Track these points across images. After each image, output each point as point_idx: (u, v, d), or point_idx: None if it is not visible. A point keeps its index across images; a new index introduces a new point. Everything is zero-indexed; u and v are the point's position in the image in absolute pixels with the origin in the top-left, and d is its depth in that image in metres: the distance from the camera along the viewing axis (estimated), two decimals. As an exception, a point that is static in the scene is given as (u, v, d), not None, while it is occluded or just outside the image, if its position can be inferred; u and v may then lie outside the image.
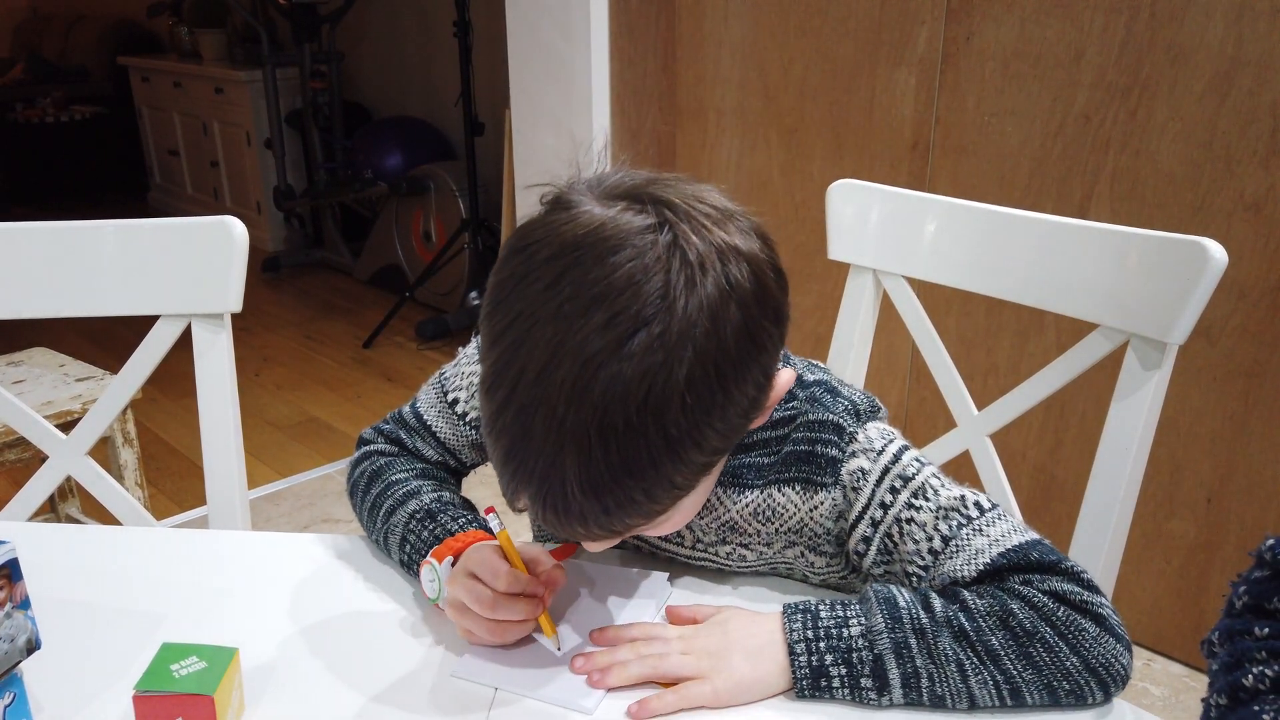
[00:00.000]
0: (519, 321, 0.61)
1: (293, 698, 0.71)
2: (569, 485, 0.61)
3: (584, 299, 0.59)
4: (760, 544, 0.82)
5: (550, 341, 0.59)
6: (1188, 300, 0.92)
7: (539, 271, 0.61)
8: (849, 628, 0.71)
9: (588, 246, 0.60)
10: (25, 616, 0.61)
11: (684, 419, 0.60)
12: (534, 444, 0.61)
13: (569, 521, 0.63)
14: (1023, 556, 0.71)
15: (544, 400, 0.60)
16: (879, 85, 2.04)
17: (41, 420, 1.14)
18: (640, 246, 0.60)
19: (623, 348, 0.58)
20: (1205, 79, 1.62)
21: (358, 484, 0.91)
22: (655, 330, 0.59)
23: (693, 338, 0.59)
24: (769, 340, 0.65)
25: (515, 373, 0.61)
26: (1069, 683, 0.69)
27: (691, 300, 0.59)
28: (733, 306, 0.61)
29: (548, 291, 0.60)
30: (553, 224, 0.63)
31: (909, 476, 0.76)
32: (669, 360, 0.59)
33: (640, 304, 0.59)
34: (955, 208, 1.11)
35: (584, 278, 0.59)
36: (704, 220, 0.63)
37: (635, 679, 0.71)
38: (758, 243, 0.65)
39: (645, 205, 0.62)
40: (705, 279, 0.60)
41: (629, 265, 0.59)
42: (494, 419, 0.63)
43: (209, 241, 1.07)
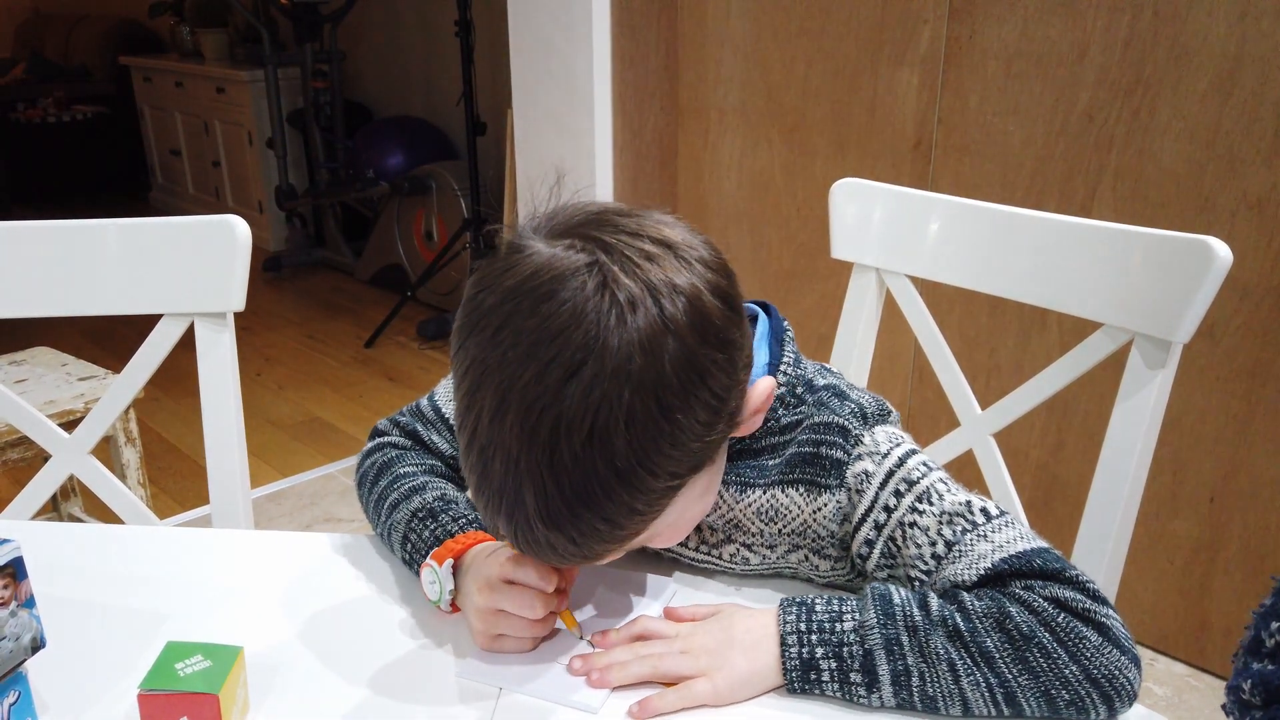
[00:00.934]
0: (473, 369, 0.64)
1: (298, 697, 0.71)
2: (532, 520, 0.64)
3: (523, 346, 0.62)
4: (764, 546, 0.82)
5: (499, 389, 0.62)
6: (1193, 299, 0.92)
7: (487, 319, 0.64)
8: (842, 622, 0.71)
9: (525, 294, 0.63)
10: (30, 615, 0.61)
11: (629, 450, 0.62)
12: (494, 482, 0.64)
13: (541, 552, 0.66)
14: (1026, 563, 0.71)
15: (499, 442, 0.63)
16: (881, 84, 2.03)
17: (44, 419, 1.14)
18: (574, 288, 0.62)
19: (564, 388, 0.61)
20: (1209, 77, 1.62)
21: (366, 475, 0.91)
22: (589, 372, 0.61)
23: (627, 374, 0.61)
24: (714, 366, 0.65)
25: (475, 416, 0.64)
26: (1069, 692, 0.67)
27: (622, 338, 0.61)
28: (670, 339, 0.62)
29: (493, 340, 0.63)
30: (500, 269, 0.65)
31: (914, 480, 0.76)
32: (606, 396, 0.61)
33: (573, 348, 0.61)
34: (959, 207, 1.11)
35: (524, 324, 0.62)
36: (637, 259, 0.64)
37: (635, 679, 0.71)
38: (699, 270, 0.66)
39: (581, 244, 0.64)
40: (635, 317, 0.62)
41: (561, 309, 0.62)
42: (465, 456, 0.66)
43: (212, 240, 1.07)
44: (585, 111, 2.52)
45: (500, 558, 0.75)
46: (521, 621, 0.74)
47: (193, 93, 4.71)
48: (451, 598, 0.78)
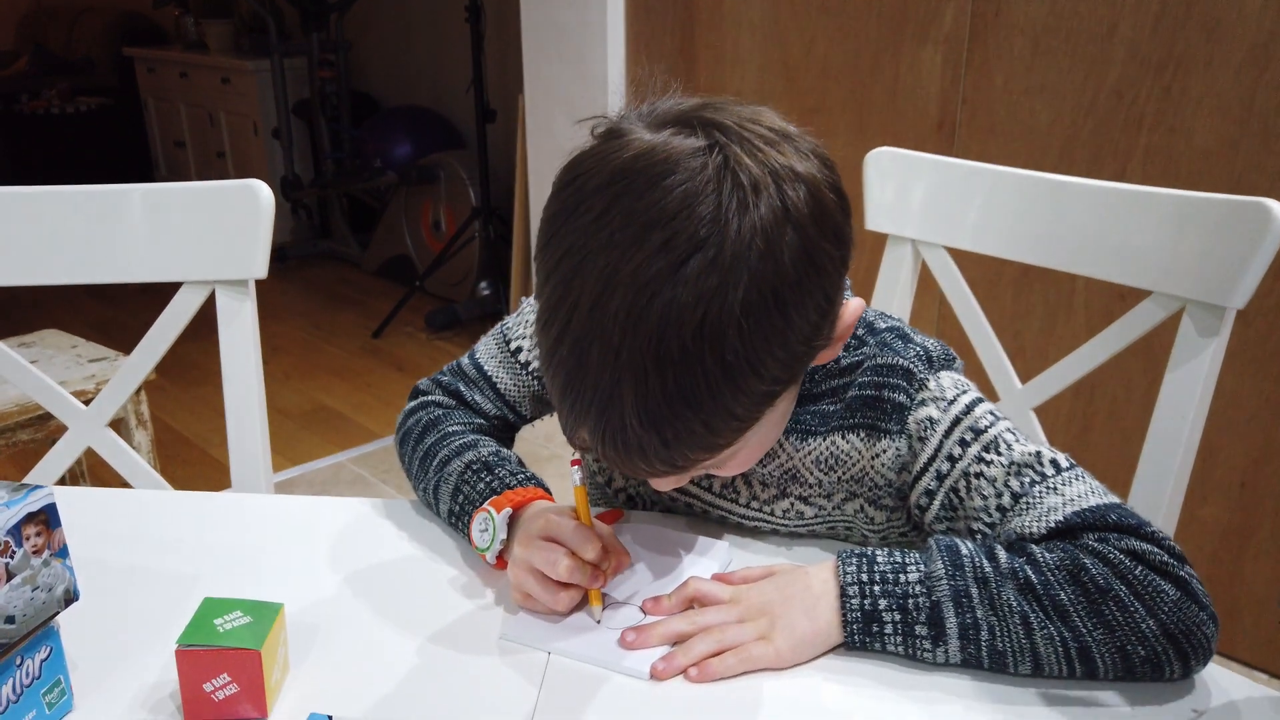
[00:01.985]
0: (571, 254, 0.60)
1: (339, 659, 0.69)
2: (627, 417, 0.59)
3: (635, 226, 0.58)
4: (820, 495, 0.79)
5: (603, 271, 0.58)
6: (1249, 263, 0.89)
7: (589, 202, 0.60)
8: (906, 573, 0.68)
9: (637, 173, 0.59)
10: (64, 565, 0.58)
11: (741, 345, 0.58)
12: (590, 376, 0.59)
13: (628, 455, 0.62)
14: (1100, 517, 0.67)
15: (599, 331, 0.58)
16: (904, 64, 2.00)
17: (61, 390, 1.11)
18: (691, 169, 0.58)
19: (676, 273, 0.57)
20: (1243, 52, 1.59)
21: (410, 432, 0.89)
22: (708, 255, 0.57)
23: (747, 261, 0.57)
24: (829, 262, 0.62)
25: (570, 305, 0.59)
26: (1144, 648, 0.64)
27: (745, 222, 0.58)
28: (789, 229, 0.59)
29: (598, 221, 0.59)
30: (599, 154, 0.61)
31: (981, 429, 0.73)
32: (723, 284, 0.57)
33: (693, 228, 0.57)
34: (1002, 175, 1.08)
35: (634, 204, 0.58)
36: (757, 142, 0.61)
37: (700, 658, 0.68)
38: (816, 164, 0.63)
39: (696, 129, 0.61)
40: (759, 201, 0.58)
41: (680, 189, 0.58)
42: (551, 354, 0.62)
43: (234, 206, 1.04)
44: (599, 95, 2.49)
45: (552, 515, 0.73)
46: (548, 584, 0.70)
47: (197, 83, 4.67)
48: (501, 548, 0.75)
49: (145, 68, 5.04)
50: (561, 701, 0.65)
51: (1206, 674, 0.67)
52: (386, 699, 0.65)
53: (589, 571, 0.71)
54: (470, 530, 0.77)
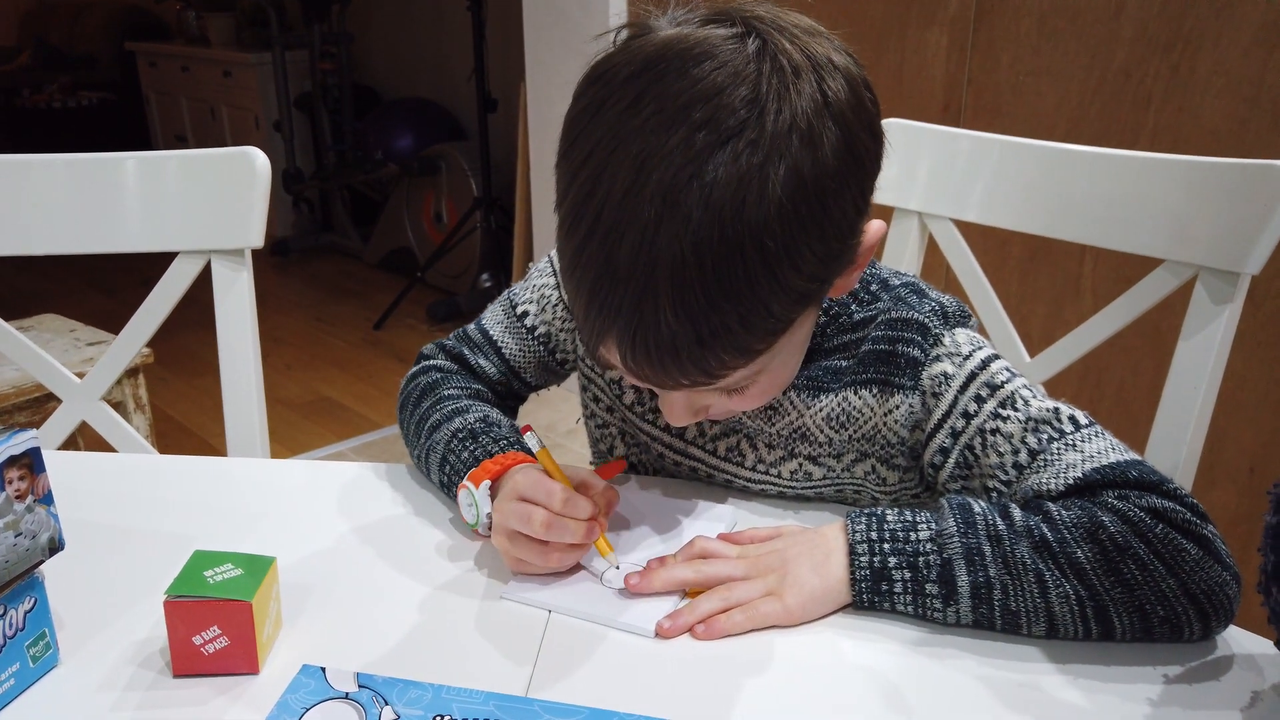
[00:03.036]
0: (600, 147, 0.57)
1: (334, 616, 0.67)
2: (661, 312, 0.57)
3: (669, 111, 0.55)
4: (829, 455, 0.77)
5: (635, 158, 0.55)
6: (1265, 227, 0.88)
7: (619, 93, 0.57)
8: (917, 531, 0.66)
9: (671, 58, 0.57)
10: (48, 513, 0.57)
11: (781, 231, 0.56)
12: (622, 270, 0.57)
13: (660, 357, 0.59)
14: (1120, 474, 0.66)
15: (632, 220, 0.56)
16: (909, 46, 1.99)
17: (56, 364, 1.10)
18: (727, 54, 0.56)
19: (714, 157, 0.55)
20: (1252, 30, 1.57)
21: (409, 397, 0.87)
22: (747, 138, 0.55)
23: (788, 147, 0.56)
24: (867, 156, 0.61)
25: (599, 199, 0.57)
26: (1164, 608, 0.62)
27: (785, 107, 0.56)
28: (829, 118, 0.57)
29: (629, 110, 0.56)
30: (629, 48, 0.59)
31: (997, 385, 0.71)
32: (763, 169, 0.55)
33: (729, 111, 0.55)
34: (1009, 145, 1.07)
35: (668, 90, 0.56)
36: (796, 32, 0.59)
37: (707, 614, 0.66)
38: (850, 59, 0.62)
39: (730, 19, 0.59)
40: (800, 85, 0.57)
41: (716, 72, 0.56)
42: (577, 254, 0.59)
43: (230, 174, 1.03)
44: (602, 82, 2.48)
45: (518, 475, 0.71)
46: (532, 543, 0.68)
47: (199, 77, 4.66)
48: (489, 520, 0.73)
49: (147, 62, 5.03)
50: (562, 659, 0.63)
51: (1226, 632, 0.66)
52: (383, 657, 0.63)
53: (573, 525, 0.67)
54: (459, 505, 0.75)
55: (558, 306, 0.86)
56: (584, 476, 0.72)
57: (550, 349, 0.87)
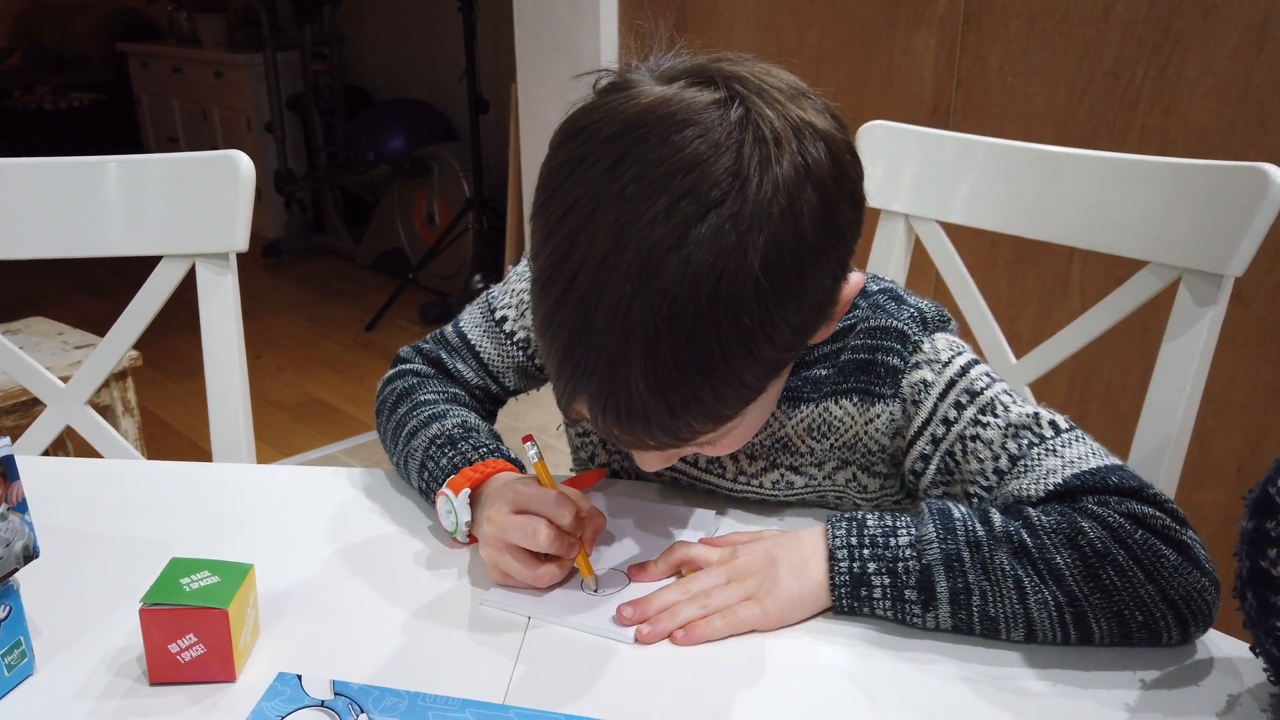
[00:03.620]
0: (578, 207, 0.56)
1: (312, 624, 0.67)
2: (633, 381, 0.56)
3: (649, 179, 0.54)
4: (811, 464, 0.77)
5: (613, 225, 0.54)
6: (1246, 229, 0.88)
7: (598, 153, 0.56)
8: (897, 536, 0.66)
9: (651, 124, 0.55)
10: (22, 520, 0.56)
11: (758, 307, 0.55)
12: (596, 337, 0.56)
13: (631, 423, 0.58)
14: (1100, 479, 0.66)
15: (607, 288, 0.55)
16: (898, 48, 1.99)
17: (39, 367, 1.10)
18: (709, 122, 0.55)
19: (692, 230, 0.54)
20: (1239, 32, 1.57)
21: (385, 402, 0.87)
22: (727, 211, 0.54)
23: (768, 219, 0.55)
24: (847, 226, 0.60)
25: (575, 262, 0.56)
26: (1142, 614, 0.62)
27: (766, 179, 0.55)
28: (809, 187, 0.56)
29: (609, 173, 0.55)
30: (608, 105, 0.58)
31: (977, 391, 0.71)
32: (742, 243, 0.54)
33: (710, 183, 0.54)
34: (996, 148, 1.07)
35: (648, 156, 0.55)
36: (777, 95, 0.58)
37: (686, 621, 0.66)
38: (833, 123, 0.60)
39: (712, 81, 0.58)
40: (781, 156, 0.56)
41: (697, 142, 0.55)
42: (550, 314, 0.58)
43: (214, 178, 1.03)
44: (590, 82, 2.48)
45: (518, 486, 0.70)
46: (527, 558, 0.68)
47: (191, 78, 4.65)
48: (469, 529, 0.73)
49: (138, 63, 5.02)
50: (540, 665, 0.63)
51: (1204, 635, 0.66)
52: (360, 664, 0.63)
53: (566, 541, 0.68)
54: (437, 512, 0.75)
55: None
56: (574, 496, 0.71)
57: (529, 354, 0.87)
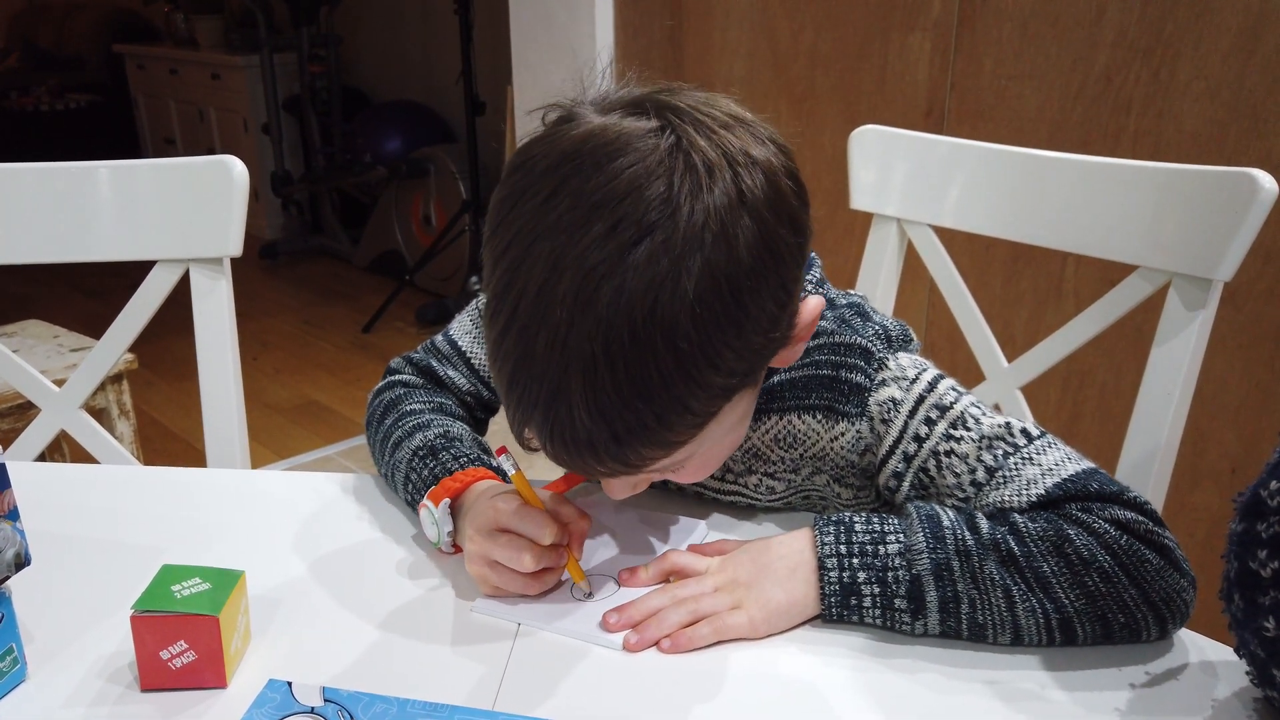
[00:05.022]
0: (518, 239, 0.57)
1: (303, 630, 0.67)
2: (575, 410, 0.56)
3: (583, 208, 0.55)
4: (786, 471, 0.78)
5: (549, 256, 0.55)
6: (1235, 234, 0.89)
7: (537, 185, 0.57)
8: (886, 545, 0.66)
9: (586, 154, 0.56)
10: (14, 529, 0.57)
11: (695, 333, 0.56)
12: (537, 366, 0.57)
13: (578, 452, 0.59)
14: (1081, 487, 0.66)
15: (545, 318, 0.56)
16: (892, 51, 1.99)
17: (33, 371, 1.10)
18: (642, 150, 0.56)
19: (626, 257, 0.54)
20: (1231, 35, 1.58)
21: (374, 414, 0.87)
22: (659, 238, 0.55)
23: (700, 245, 0.55)
24: (786, 251, 0.60)
25: (516, 292, 0.57)
26: (1124, 615, 0.64)
27: (697, 206, 0.55)
28: (744, 214, 0.57)
29: (546, 204, 0.56)
30: (551, 137, 0.59)
31: (946, 406, 0.71)
32: (675, 269, 0.55)
33: (643, 210, 0.55)
34: (987, 152, 1.07)
35: (583, 186, 0.56)
36: (713, 125, 0.58)
37: (674, 628, 0.66)
38: (772, 150, 0.61)
39: (648, 111, 0.59)
40: (713, 184, 0.56)
41: (630, 170, 0.55)
42: (497, 344, 0.59)
43: (207, 182, 1.03)
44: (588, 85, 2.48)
45: (499, 503, 0.69)
46: (515, 576, 0.68)
47: (187, 80, 4.65)
48: (452, 539, 0.73)
49: (135, 64, 5.02)
50: (529, 672, 0.64)
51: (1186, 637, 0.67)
52: (350, 670, 0.63)
53: (552, 553, 0.68)
54: (421, 523, 0.75)
55: None
56: (554, 503, 0.71)
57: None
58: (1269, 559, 0.56)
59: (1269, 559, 0.56)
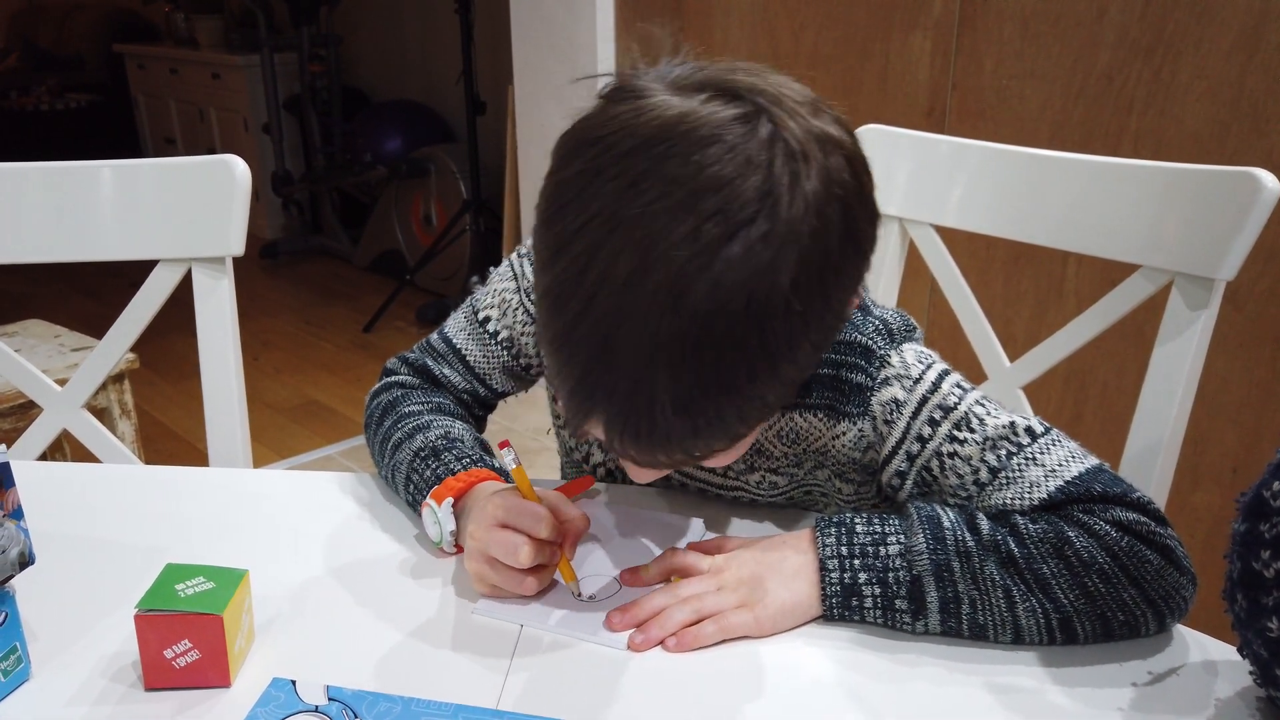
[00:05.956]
0: (595, 224, 0.54)
1: (307, 629, 0.67)
2: (658, 405, 0.55)
3: (676, 197, 0.53)
4: (789, 465, 0.78)
5: (638, 245, 0.53)
6: (1238, 233, 0.89)
7: (616, 168, 0.54)
8: (886, 545, 0.66)
9: (677, 138, 0.54)
10: (18, 528, 0.57)
11: (785, 327, 0.55)
12: (618, 358, 0.54)
13: (650, 446, 0.58)
14: (1084, 488, 0.66)
15: (632, 310, 0.53)
16: (893, 51, 1.99)
17: (35, 371, 1.10)
18: (734, 138, 0.54)
19: (721, 250, 0.52)
20: (1232, 34, 1.58)
21: (373, 416, 0.87)
22: (756, 231, 0.53)
23: (799, 238, 0.54)
24: (867, 244, 0.59)
25: (594, 280, 0.54)
26: (1124, 614, 0.64)
27: (796, 196, 0.54)
28: (835, 203, 0.56)
29: (631, 189, 0.53)
30: (623, 116, 0.56)
31: (950, 406, 0.71)
32: (774, 263, 0.53)
33: (740, 203, 0.53)
34: (988, 151, 1.07)
35: (674, 173, 0.53)
36: (797, 108, 0.56)
37: (679, 627, 0.66)
38: (846, 134, 0.59)
39: (734, 95, 0.56)
40: (809, 173, 0.54)
41: (726, 158, 0.53)
42: (565, 334, 0.56)
43: (209, 181, 1.03)
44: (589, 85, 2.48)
45: (496, 499, 0.69)
46: (512, 572, 0.67)
47: (188, 80, 4.65)
48: (454, 539, 0.73)
49: (135, 64, 5.02)
50: (533, 672, 0.64)
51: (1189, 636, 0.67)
52: (355, 669, 0.63)
53: (548, 550, 0.68)
54: (423, 523, 0.75)
55: (518, 310, 0.85)
56: (554, 500, 0.71)
57: (514, 354, 0.87)
58: (1272, 559, 0.56)
59: (1272, 559, 0.56)
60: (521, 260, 0.86)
